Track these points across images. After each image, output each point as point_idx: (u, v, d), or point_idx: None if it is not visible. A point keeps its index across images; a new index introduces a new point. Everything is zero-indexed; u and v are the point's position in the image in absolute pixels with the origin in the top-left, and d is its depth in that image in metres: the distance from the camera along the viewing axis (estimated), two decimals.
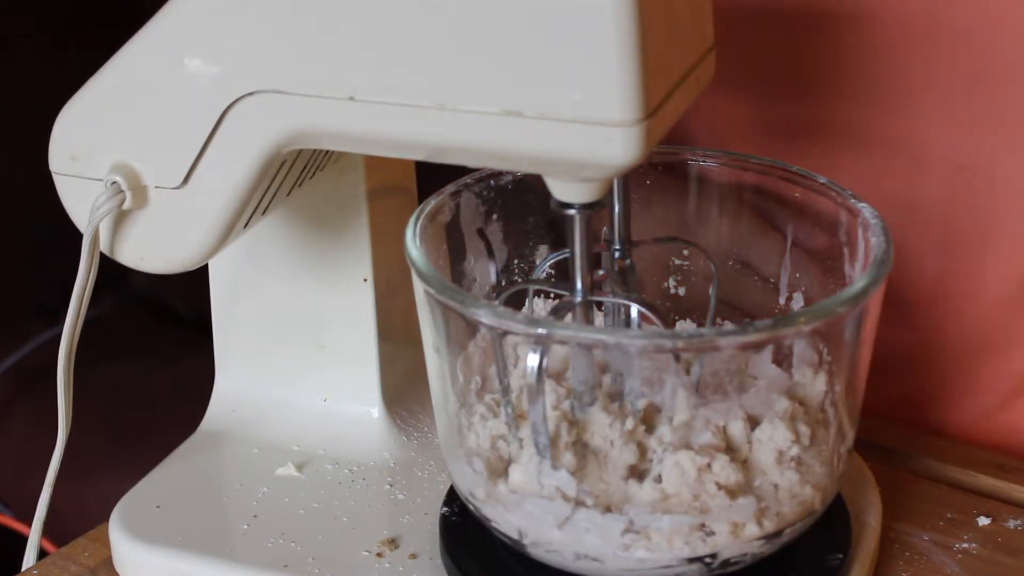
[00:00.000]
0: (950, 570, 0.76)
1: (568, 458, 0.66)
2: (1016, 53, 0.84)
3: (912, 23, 0.86)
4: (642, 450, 0.67)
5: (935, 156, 0.89)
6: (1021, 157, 0.87)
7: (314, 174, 0.78)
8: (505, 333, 0.67)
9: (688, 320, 0.83)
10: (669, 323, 0.69)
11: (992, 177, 0.88)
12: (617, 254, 0.74)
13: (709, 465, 0.66)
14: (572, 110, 0.60)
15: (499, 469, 0.69)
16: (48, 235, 1.35)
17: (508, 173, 0.77)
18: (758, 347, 0.72)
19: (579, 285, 0.68)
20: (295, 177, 0.75)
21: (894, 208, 0.90)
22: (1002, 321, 0.92)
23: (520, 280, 0.80)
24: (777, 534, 0.67)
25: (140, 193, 0.70)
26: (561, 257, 0.75)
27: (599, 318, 0.76)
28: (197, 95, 0.67)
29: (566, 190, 0.64)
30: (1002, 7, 0.84)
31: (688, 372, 0.69)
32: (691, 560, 0.66)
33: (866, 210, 0.71)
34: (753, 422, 0.68)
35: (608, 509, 0.66)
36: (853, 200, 0.72)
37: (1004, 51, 0.85)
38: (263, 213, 0.74)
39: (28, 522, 0.85)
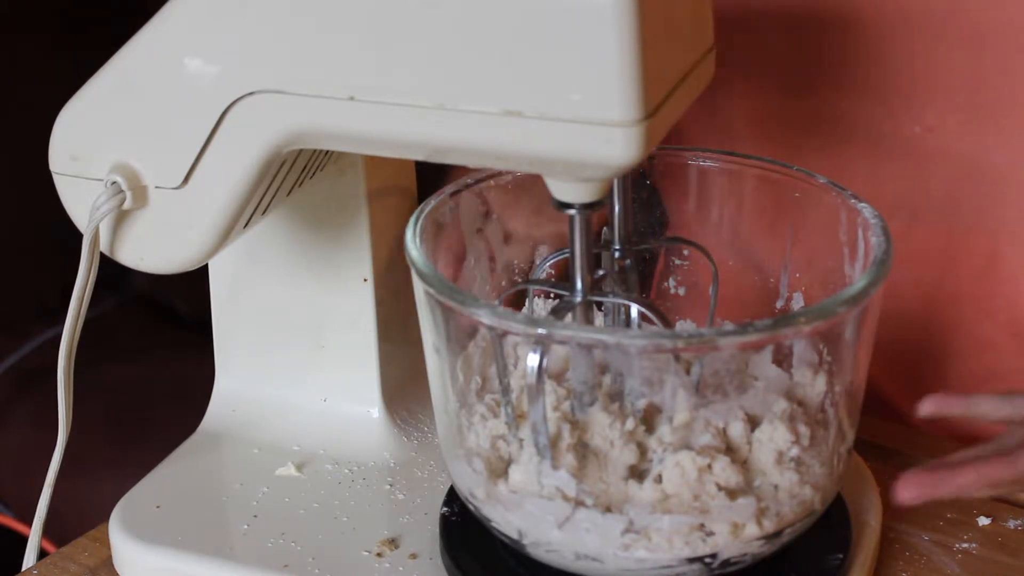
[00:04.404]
0: (950, 570, 0.76)
1: (569, 459, 0.66)
2: (1022, 51, 0.84)
3: (920, 23, 0.86)
4: (642, 450, 0.67)
5: (942, 154, 0.89)
6: (998, 121, 0.86)
7: (314, 174, 0.78)
8: (505, 333, 0.67)
9: (688, 320, 0.83)
10: (669, 323, 0.69)
11: (999, 174, 0.88)
12: (617, 254, 0.74)
13: (709, 466, 0.66)
14: (572, 110, 0.60)
15: (499, 469, 0.69)
16: (48, 235, 1.36)
17: (508, 173, 0.77)
18: (758, 347, 0.72)
19: (579, 285, 0.68)
20: (295, 177, 0.75)
21: (900, 205, 0.90)
22: (1006, 319, 0.92)
23: (520, 280, 0.80)
24: (777, 534, 0.67)
25: (140, 193, 0.70)
26: (561, 257, 0.75)
27: (599, 318, 0.76)
28: (197, 95, 0.67)
29: (566, 190, 0.64)
30: (1009, 6, 0.84)
31: (688, 372, 0.69)
32: (691, 560, 0.66)
33: (866, 210, 0.71)
34: (753, 422, 0.68)
35: (608, 509, 0.66)
36: (853, 200, 0.72)
37: (1011, 49, 0.85)
38: (263, 213, 0.74)
39: (28, 522, 0.85)
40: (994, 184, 0.88)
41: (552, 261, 0.76)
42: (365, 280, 0.82)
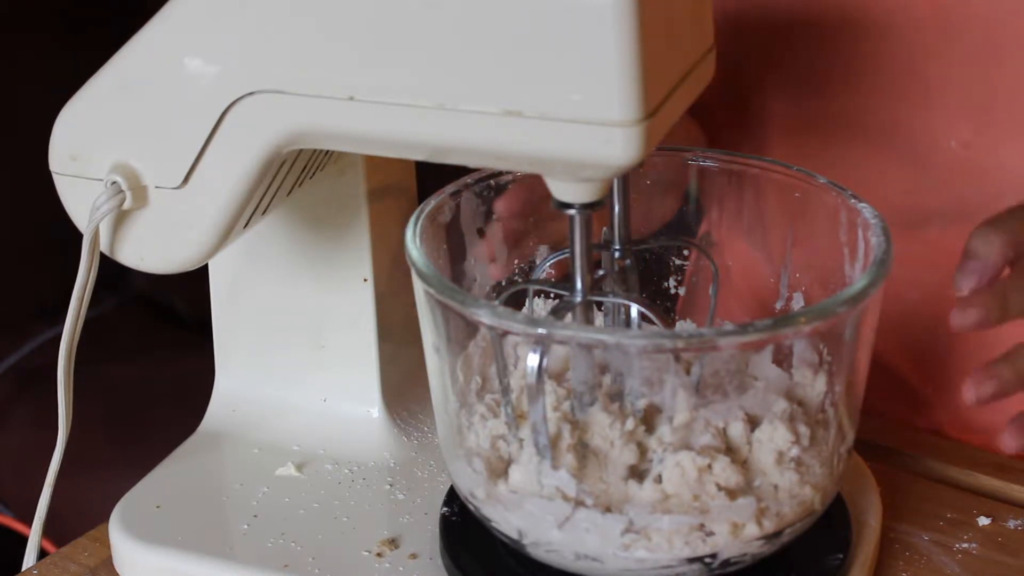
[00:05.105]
0: (950, 570, 0.76)
1: (569, 459, 0.66)
2: (1016, 33, 0.84)
3: (925, 25, 0.86)
4: (642, 450, 0.67)
5: (946, 151, 0.89)
6: None
7: (314, 174, 0.78)
8: (505, 333, 0.67)
9: (688, 320, 0.83)
10: (669, 323, 0.69)
11: (1002, 171, 0.88)
12: (617, 254, 0.74)
13: (709, 466, 0.66)
14: (572, 110, 0.60)
15: (499, 469, 0.69)
16: (48, 235, 1.36)
17: (508, 173, 0.77)
18: (758, 347, 0.72)
19: (579, 285, 0.68)
20: (295, 177, 0.75)
21: (902, 203, 0.90)
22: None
23: (520, 280, 0.80)
24: (777, 534, 0.67)
25: (140, 193, 0.70)
26: (561, 257, 0.75)
27: (599, 318, 0.76)
28: (197, 95, 0.67)
29: (566, 190, 0.64)
30: (1011, 6, 0.84)
31: (688, 372, 0.69)
32: (691, 560, 0.66)
33: (866, 210, 0.71)
34: (753, 422, 0.68)
35: (608, 509, 0.66)
36: (853, 200, 0.72)
37: (1014, 49, 0.85)
38: (263, 213, 0.74)
39: (28, 522, 0.85)
40: (1000, 180, 0.88)
41: (552, 261, 0.76)
42: (365, 280, 0.82)
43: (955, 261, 0.77)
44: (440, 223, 0.74)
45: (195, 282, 0.86)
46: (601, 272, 0.74)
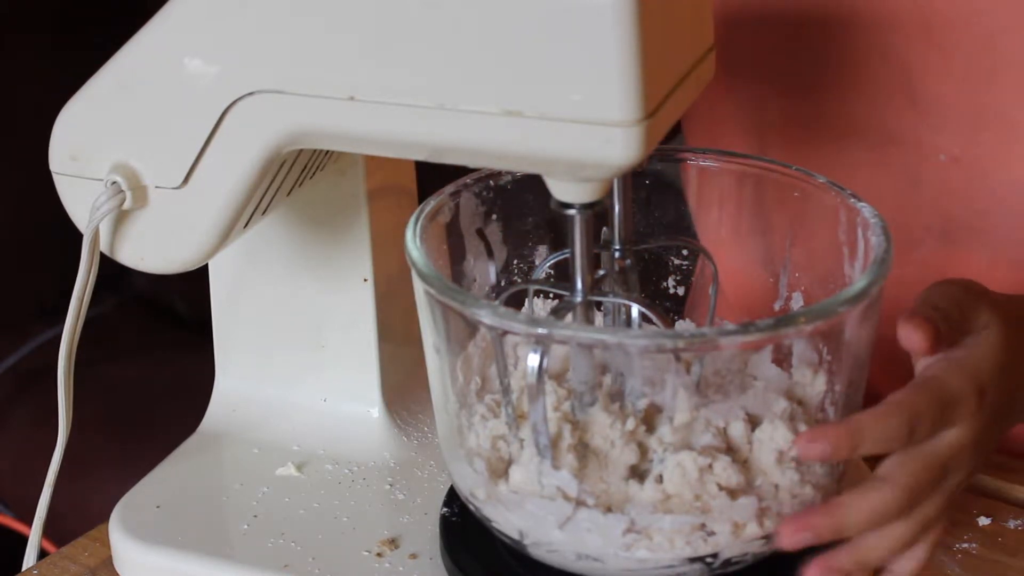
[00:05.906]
0: (950, 570, 0.76)
1: (569, 459, 0.66)
2: (1010, 50, 0.85)
3: (916, 37, 0.87)
4: (643, 450, 0.67)
5: (936, 165, 0.89)
6: (1014, 149, 0.87)
7: (314, 174, 0.78)
8: (505, 333, 0.67)
9: (688, 320, 0.83)
10: (669, 323, 0.69)
11: (990, 187, 0.88)
12: (617, 254, 0.74)
13: (710, 465, 0.66)
14: (572, 110, 0.60)
15: (500, 469, 0.69)
16: (48, 235, 1.36)
17: (508, 173, 0.77)
18: (758, 347, 0.72)
19: (579, 285, 0.68)
20: (295, 177, 0.75)
21: (894, 222, 0.90)
22: None
23: (520, 280, 0.80)
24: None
25: (140, 193, 0.70)
26: (561, 257, 0.75)
27: (599, 318, 0.76)
28: (197, 95, 0.67)
29: (566, 190, 0.64)
30: (1003, 24, 0.84)
31: (688, 372, 0.69)
32: (692, 560, 0.66)
33: (865, 210, 0.71)
34: (753, 422, 0.69)
35: (609, 509, 0.66)
36: (852, 200, 0.72)
37: (1006, 66, 0.85)
38: (263, 213, 0.74)
39: (28, 522, 0.85)
40: (986, 178, 0.88)
41: (552, 261, 0.76)
42: (365, 280, 0.82)
43: None
44: (440, 223, 0.74)
45: (195, 282, 0.86)
46: (601, 272, 0.74)
